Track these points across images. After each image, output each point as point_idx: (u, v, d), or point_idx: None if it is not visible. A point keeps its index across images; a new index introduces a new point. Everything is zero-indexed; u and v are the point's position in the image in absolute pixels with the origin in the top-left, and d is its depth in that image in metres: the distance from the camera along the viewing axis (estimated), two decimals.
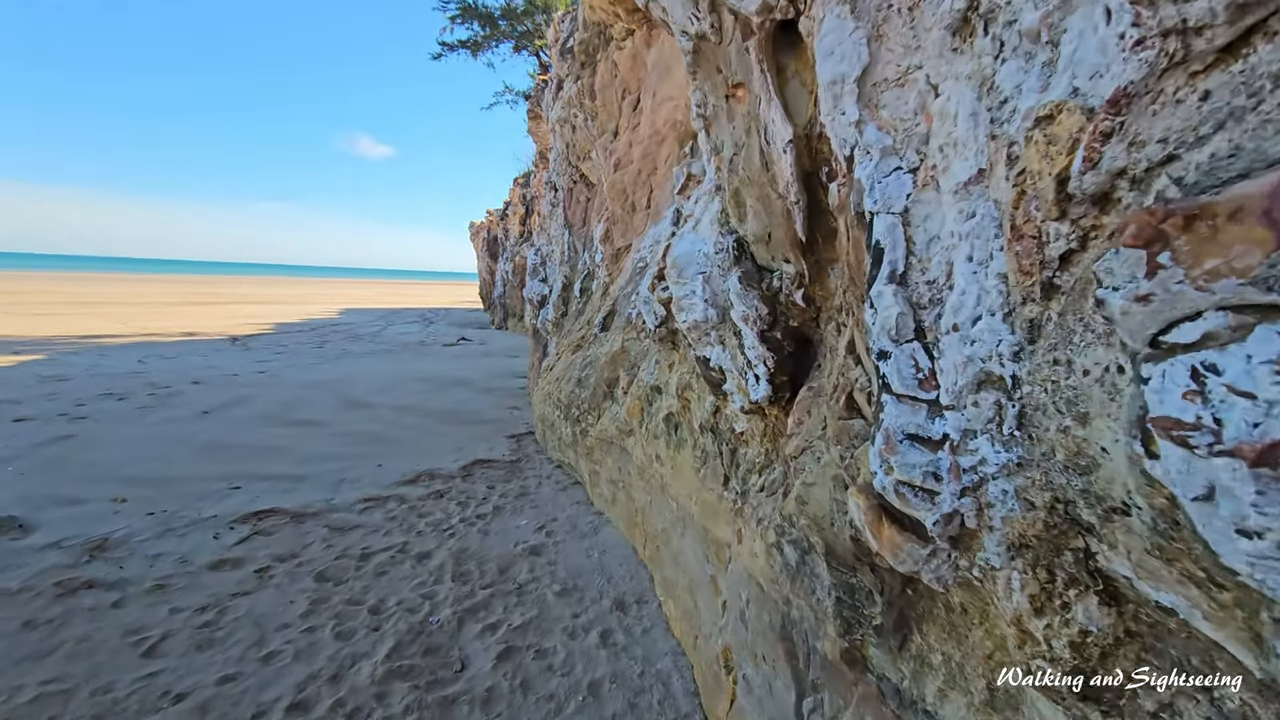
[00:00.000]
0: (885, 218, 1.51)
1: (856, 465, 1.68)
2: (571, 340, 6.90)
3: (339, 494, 5.15)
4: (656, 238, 6.00)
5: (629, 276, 6.17)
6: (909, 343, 1.41)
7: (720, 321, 2.72)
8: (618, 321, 5.64)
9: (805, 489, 1.97)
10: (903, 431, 1.34)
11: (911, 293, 1.44)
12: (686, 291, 2.80)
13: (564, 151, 9.06)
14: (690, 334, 2.88)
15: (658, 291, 3.81)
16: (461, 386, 9.66)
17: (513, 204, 24.03)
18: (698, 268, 2.79)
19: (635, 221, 6.83)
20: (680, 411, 3.60)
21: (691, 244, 2.93)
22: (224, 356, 12.31)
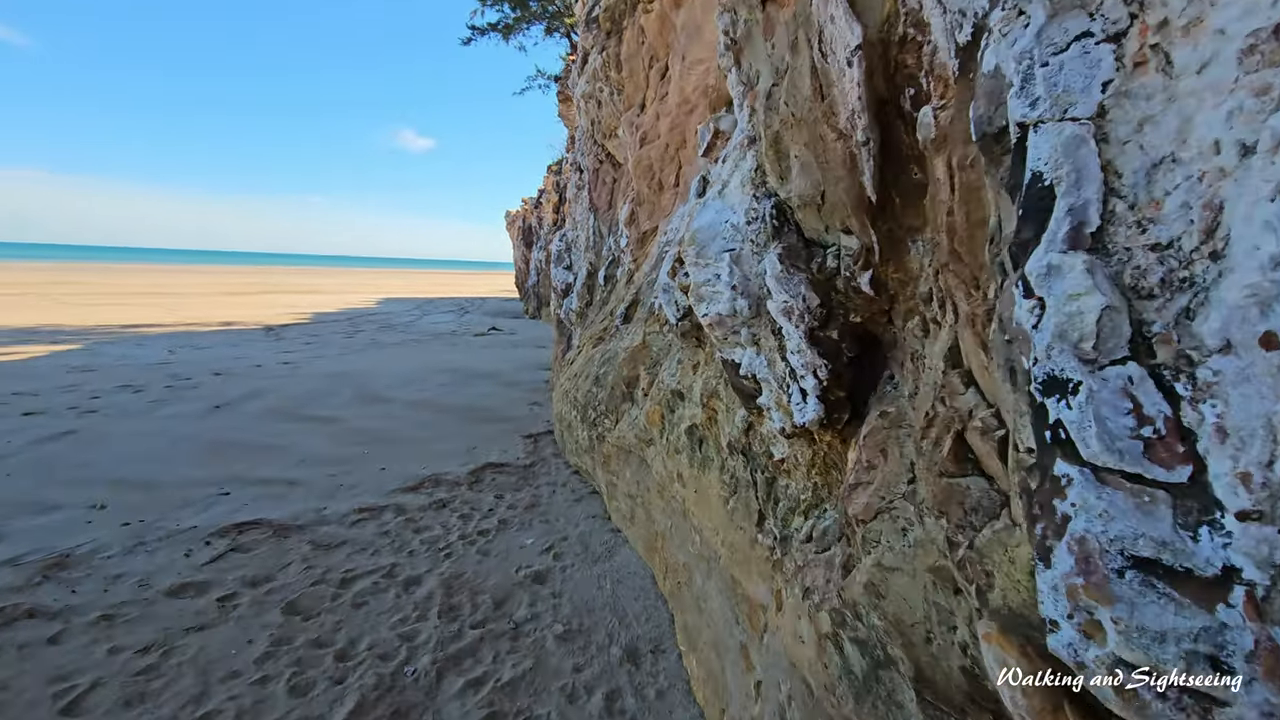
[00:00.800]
0: (1057, 130, 0.80)
1: (984, 565, 0.99)
2: (593, 333, 6.27)
3: (332, 502, 4.64)
4: (685, 216, 5.33)
5: (654, 262, 5.50)
6: (1121, 365, 0.71)
7: (753, 316, 2.03)
8: (640, 312, 4.98)
9: (882, 574, 1.29)
10: (1121, 550, 0.65)
11: (1119, 268, 0.74)
12: (708, 276, 2.12)
13: (589, 130, 8.40)
14: (714, 331, 2.19)
15: (679, 278, 3.13)
16: (485, 379, 9.14)
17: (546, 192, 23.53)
18: (723, 244, 2.10)
19: (663, 202, 6.14)
20: (705, 424, 2.92)
21: (716, 214, 2.24)
22: (254, 346, 12.10)
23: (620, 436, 4.27)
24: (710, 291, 2.10)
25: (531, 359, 11.29)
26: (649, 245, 6.13)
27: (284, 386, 8.32)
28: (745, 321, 2.02)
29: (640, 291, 5.30)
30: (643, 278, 5.64)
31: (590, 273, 7.80)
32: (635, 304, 5.36)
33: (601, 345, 5.61)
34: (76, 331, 13.68)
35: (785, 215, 1.95)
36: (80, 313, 17.43)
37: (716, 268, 2.07)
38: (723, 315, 2.04)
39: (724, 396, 2.72)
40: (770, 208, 1.95)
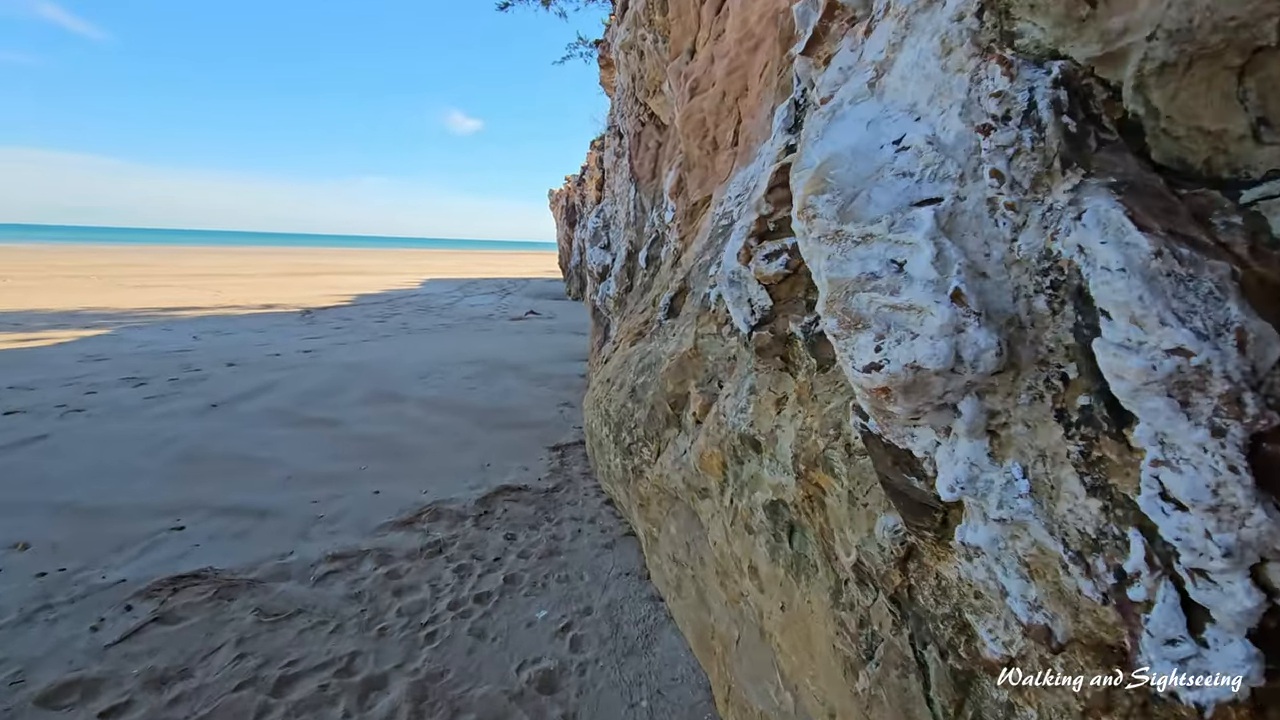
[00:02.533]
0: None
1: None
2: (632, 325, 5.10)
3: (303, 544, 3.65)
4: (747, 182, 4.07)
5: (707, 240, 4.29)
6: None
7: (1003, 369, 0.81)
8: (689, 305, 3.78)
9: None
10: None
11: None
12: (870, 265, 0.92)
13: (629, 87, 7.14)
14: (890, 402, 0.97)
15: (757, 261, 1.93)
16: (513, 373, 8.11)
17: (590, 168, 22.36)
18: (903, 190, 0.90)
19: (717, 164, 4.89)
20: (803, 508, 1.74)
21: (869, 129, 1.04)
22: (282, 331, 11.40)
23: (663, 475, 3.11)
24: (880, 308, 0.89)
25: (567, 348, 10.21)
26: (700, 219, 4.90)
27: (295, 380, 7.46)
28: (979, 384, 0.82)
29: (690, 277, 4.10)
30: (692, 260, 4.43)
31: (630, 253, 6.62)
32: (683, 293, 4.16)
33: (641, 344, 4.44)
34: (114, 315, 13.30)
35: (1089, 101, 0.73)
36: (128, 295, 17.24)
37: (892, 246, 0.87)
38: (924, 369, 0.84)
39: (846, 475, 1.52)
40: (1050, 83, 0.74)
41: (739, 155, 4.56)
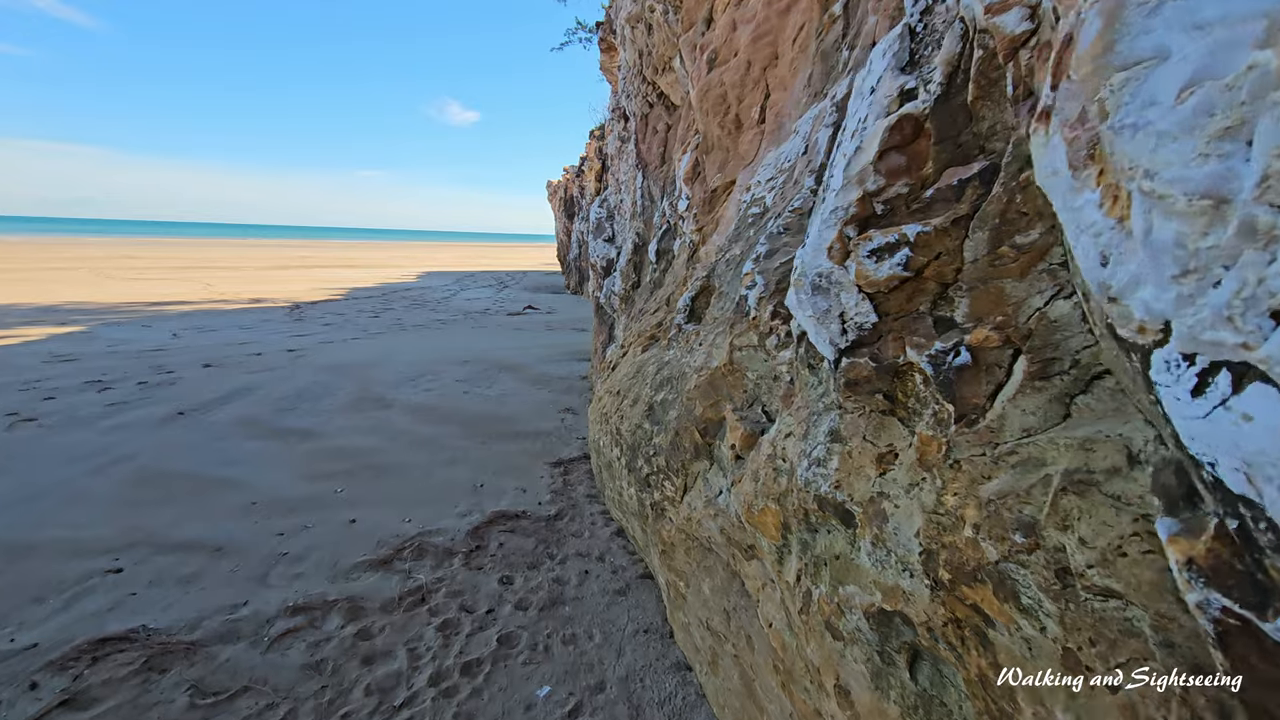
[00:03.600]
0: None
1: None
2: (644, 327, 4.49)
3: (261, 592, 3.04)
4: (781, 163, 3.45)
5: (733, 231, 3.67)
6: None
7: None
8: (716, 308, 3.16)
9: None
10: None
11: None
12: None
13: (636, 65, 6.49)
14: None
15: (859, 259, 1.32)
16: (510, 373, 7.48)
17: (589, 159, 21.70)
18: None
19: (741, 145, 4.26)
20: (945, 636, 1.14)
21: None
22: (267, 329, 10.74)
23: (692, 520, 2.50)
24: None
25: (568, 345, 9.58)
26: (720, 208, 4.28)
27: (274, 383, 6.83)
28: None
29: (714, 275, 3.47)
30: (715, 253, 3.80)
31: (638, 246, 5.99)
32: (706, 293, 3.54)
33: (656, 351, 3.83)
34: (95, 310, 12.63)
35: None
36: (115, 288, 16.54)
37: None
38: None
39: (1056, 617, 0.92)
40: None
41: (767, 134, 3.94)
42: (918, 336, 1.27)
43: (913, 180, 1.27)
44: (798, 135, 3.33)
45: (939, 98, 1.22)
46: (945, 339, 1.22)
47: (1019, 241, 1.11)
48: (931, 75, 1.25)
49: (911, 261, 1.24)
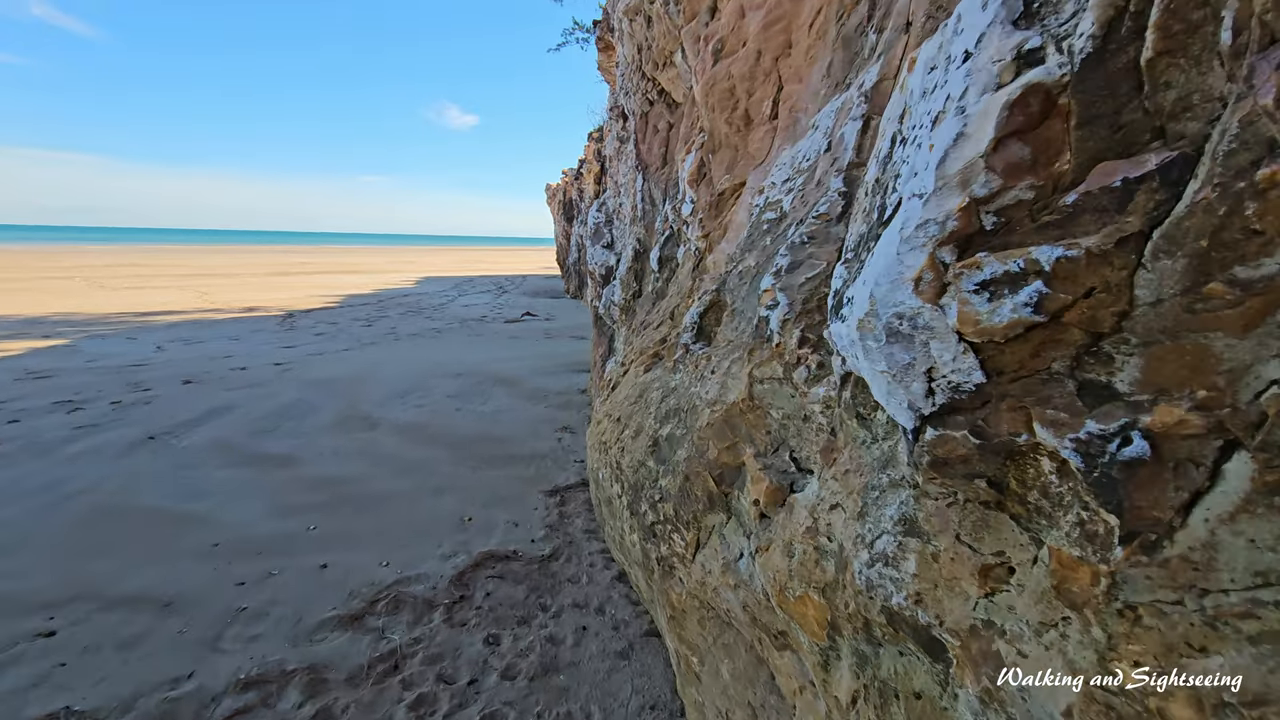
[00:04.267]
0: None
1: None
2: (646, 344, 4.08)
3: (208, 660, 2.63)
4: (798, 162, 3.04)
5: (745, 238, 3.27)
6: None
7: None
8: (731, 329, 2.75)
9: None
10: None
11: None
12: None
13: (635, 60, 6.08)
14: None
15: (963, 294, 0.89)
16: (505, 387, 7.07)
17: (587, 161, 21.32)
18: None
19: (751, 143, 3.85)
20: None
21: None
22: (256, 340, 10.33)
23: (706, 585, 2.09)
24: None
25: (566, 356, 9.17)
26: (729, 212, 3.87)
27: (256, 401, 6.42)
28: None
29: (725, 288, 3.06)
30: (725, 263, 3.39)
31: (638, 253, 5.58)
32: (716, 309, 3.13)
33: (659, 372, 3.42)
34: (82, 321, 12.24)
35: None
36: (108, 298, 16.16)
37: None
38: None
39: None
40: None
41: (781, 130, 3.53)
42: (1053, 409, 0.86)
43: (1041, 180, 0.86)
44: (817, 131, 2.92)
45: (1088, 58, 0.82)
46: (1103, 417, 0.80)
47: (1242, 276, 0.70)
48: (1071, 27, 0.85)
49: (1047, 301, 0.83)
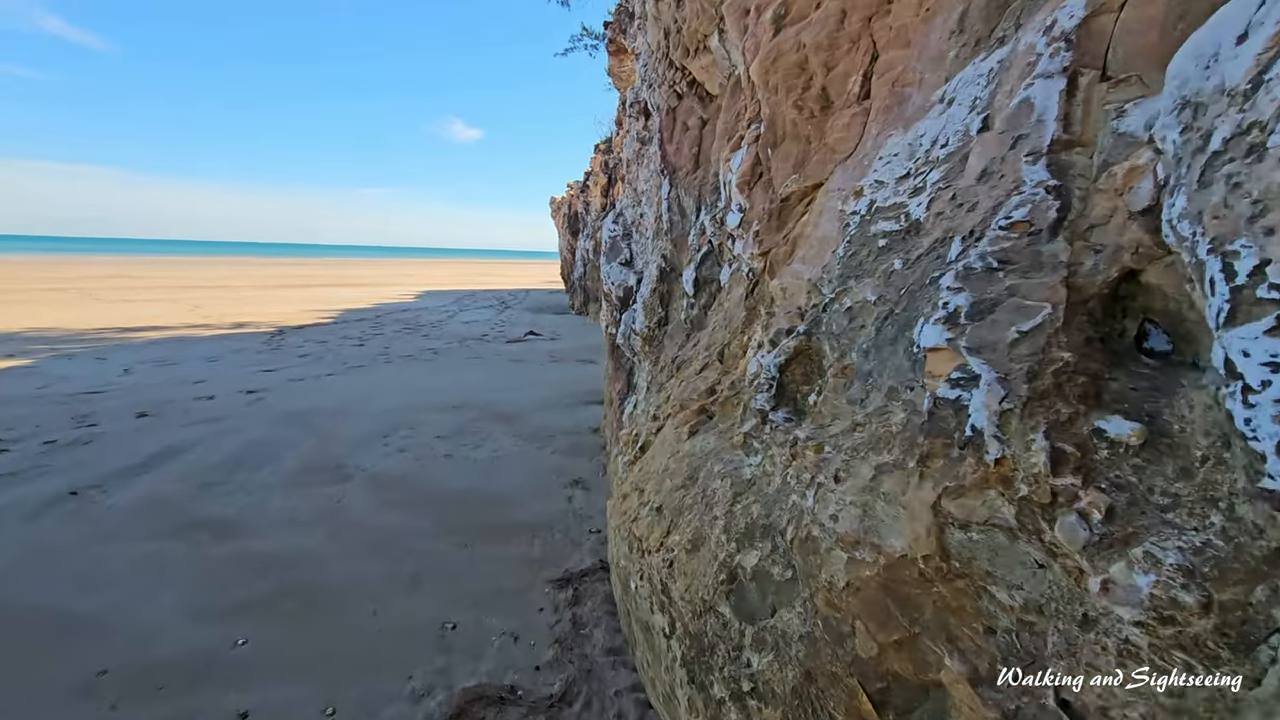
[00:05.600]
0: None
1: None
2: (686, 393, 3.07)
3: None
4: (924, 150, 1.97)
5: (842, 256, 2.24)
6: None
7: None
8: (853, 399, 1.71)
9: None
10: None
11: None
12: None
13: (661, 47, 5.11)
14: None
15: None
16: (504, 425, 6.04)
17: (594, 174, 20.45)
18: None
19: (831, 132, 2.81)
20: None
21: None
22: (235, 361, 9.32)
23: None
24: None
25: (574, 383, 8.15)
26: (799, 222, 2.87)
27: (214, 440, 5.40)
28: None
29: (820, 329, 2.04)
30: (804, 291, 2.37)
31: (664, 271, 4.60)
32: (805, 360, 2.11)
33: (713, 440, 2.41)
34: (57, 338, 11.25)
35: None
36: (96, 311, 15.19)
37: None
38: None
39: None
40: None
41: (879, 112, 2.51)
42: None
43: None
44: (954, 106, 1.91)
45: None
46: None
47: None
48: None
49: None
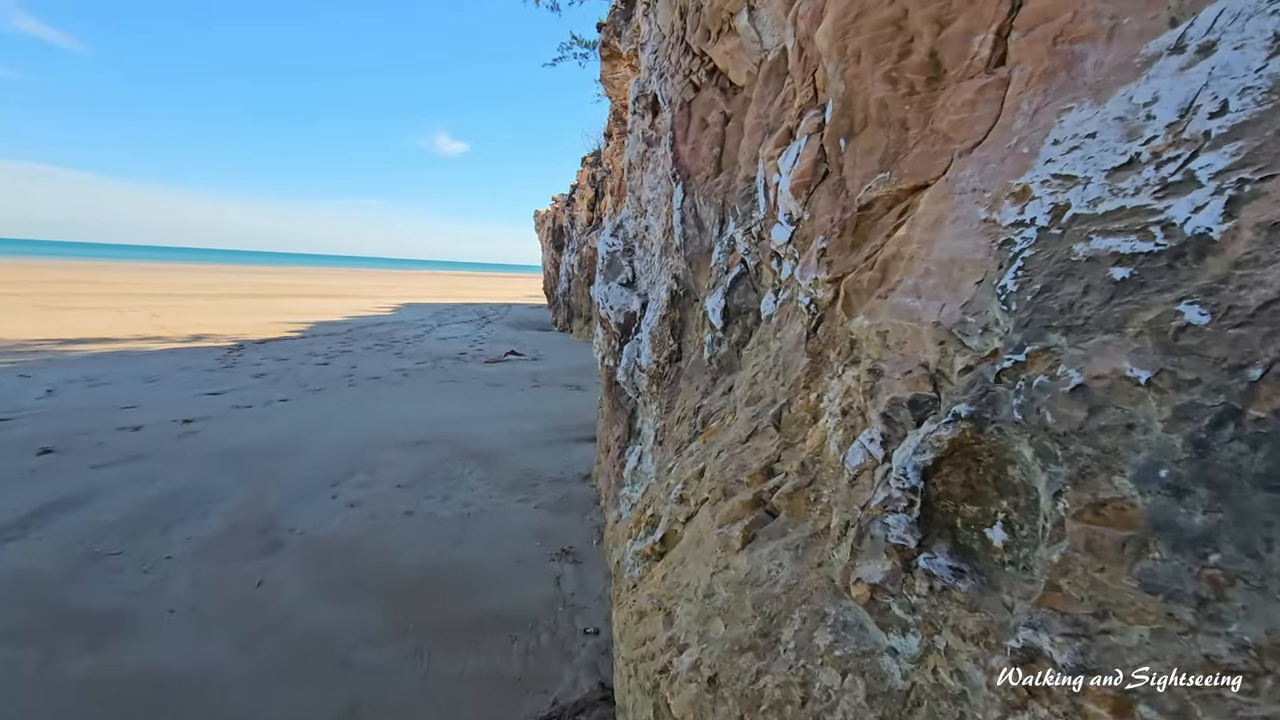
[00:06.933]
0: None
1: None
2: (728, 475, 2.16)
3: None
4: (1152, 125, 1.02)
5: (1033, 285, 1.31)
6: None
7: None
8: (1158, 592, 0.83)
9: None
10: None
11: None
12: None
13: (675, 29, 4.25)
14: None
15: None
16: (479, 467, 5.07)
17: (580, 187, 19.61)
18: None
19: (943, 112, 1.88)
20: None
21: None
22: (178, 381, 8.19)
23: None
24: None
25: (559, 413, 7.20)
26: (890, 237, 2.00)
27: (123, 489, 4.35)
28: None
29: (993, 413, 1.17)
30: (927, 340, 1.48)
31: (678, 295, 3.73)
32: (965, 459, 1.22)
33: (784, 551, 1.52)
34: None
35: None
36: (42, 321, 13.81)
37: None
38: None
39: None
40: None
41: (1038, 79, 1.59)
42: None
43: None
44: (1221, 49, 1.02)
45: None
46: None
47: None
48: None
49: None
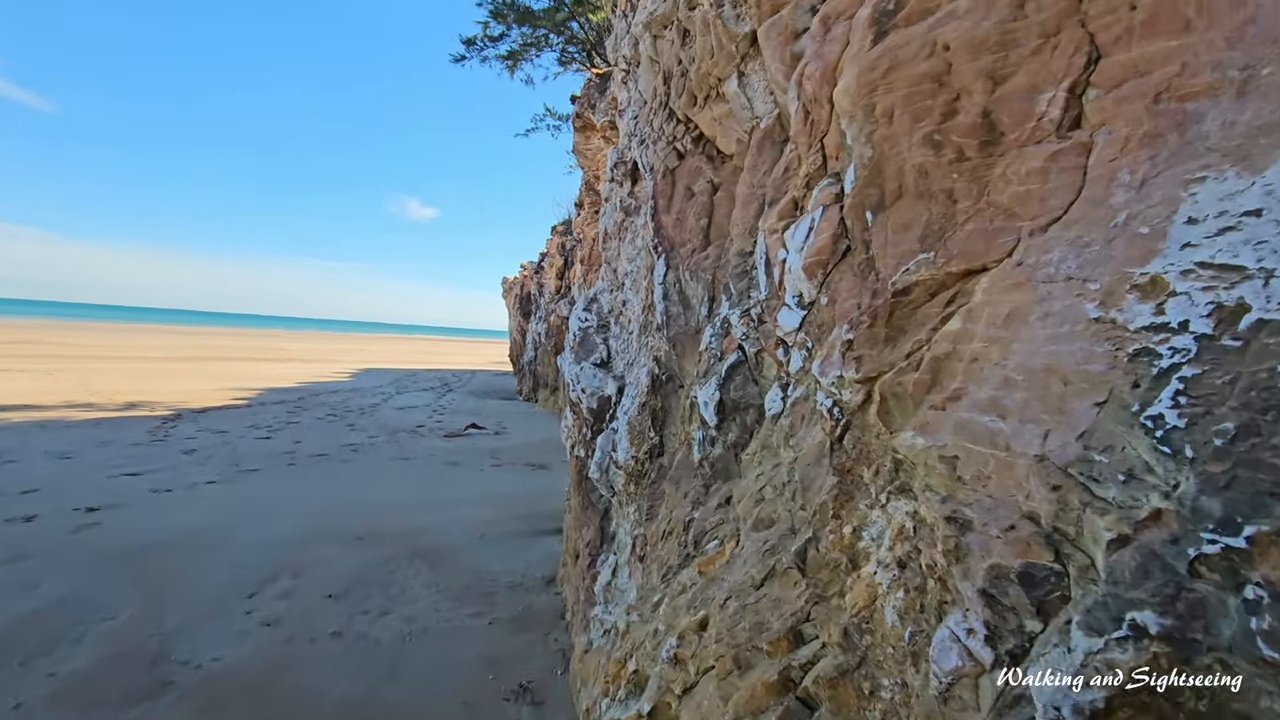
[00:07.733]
0: None
1: None
2: (741, 636, 1.64)
3: None
4: None
5: (1205, 414, 0.87)
6: None
7: None
8: None
9: None
10: None
11: None
12: None
13: (659, 94, 3.99)
14: None
15: None
16: (427, 569, 4.36)
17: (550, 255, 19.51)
18: None
19: (1004, 183, 1.54)
20: None
21: None
22: (92, 459, 7.23)
23: None
24: None
25: (521, 497, 6.52)
26: (938, 331, 1.61)
27: None
28: None
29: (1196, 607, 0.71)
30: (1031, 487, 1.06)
31: (660, 379, 3.28)
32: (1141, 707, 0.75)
33: None
34: None
35: None
36: None
37: None
38: None
39: None
40: None
41: (1138, 144, 1.25)
42: None
43: None
44: None
45: None
46: None
47: None
48: None
49: None
